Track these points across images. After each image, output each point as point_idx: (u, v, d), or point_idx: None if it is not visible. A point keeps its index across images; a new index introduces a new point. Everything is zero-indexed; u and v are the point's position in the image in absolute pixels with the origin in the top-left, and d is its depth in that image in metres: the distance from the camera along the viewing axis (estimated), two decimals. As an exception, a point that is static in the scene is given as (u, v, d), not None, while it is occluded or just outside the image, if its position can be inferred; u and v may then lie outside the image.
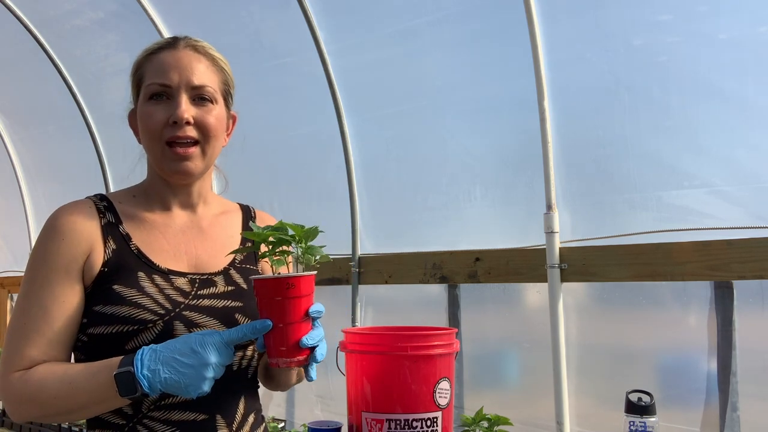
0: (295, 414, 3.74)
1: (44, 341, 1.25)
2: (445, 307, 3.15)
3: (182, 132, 1.31)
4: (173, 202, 1.41)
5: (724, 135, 2.40)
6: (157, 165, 1.36)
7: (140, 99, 1.36)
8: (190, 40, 1.38)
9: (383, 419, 1.39)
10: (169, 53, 1.35)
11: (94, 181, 4.84)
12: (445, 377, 1.42)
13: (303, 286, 1.22)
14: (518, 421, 2.13)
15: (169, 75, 1.32)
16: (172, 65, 1.33)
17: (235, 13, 3.73)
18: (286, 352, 1.22)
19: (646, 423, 1.59)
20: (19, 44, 4.67)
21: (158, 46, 1.37)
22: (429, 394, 1.40)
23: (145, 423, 1.26)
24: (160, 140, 1.32)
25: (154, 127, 1.32)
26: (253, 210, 1.55)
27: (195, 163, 1.35)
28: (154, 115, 1.31)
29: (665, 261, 2.44)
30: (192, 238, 1.41)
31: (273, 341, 1.23)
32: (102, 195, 1.40)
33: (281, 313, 1.21)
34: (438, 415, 1.41)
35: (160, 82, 1.32)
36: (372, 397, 1.41)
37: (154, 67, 1.34)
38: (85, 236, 1.30)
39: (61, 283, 1.27)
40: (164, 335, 1.26)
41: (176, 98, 1.32)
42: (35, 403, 1.22)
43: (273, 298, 1.21)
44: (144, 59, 1.37)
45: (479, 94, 3.04)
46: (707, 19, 2.40)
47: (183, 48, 1.36)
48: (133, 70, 1.39)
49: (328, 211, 3.65)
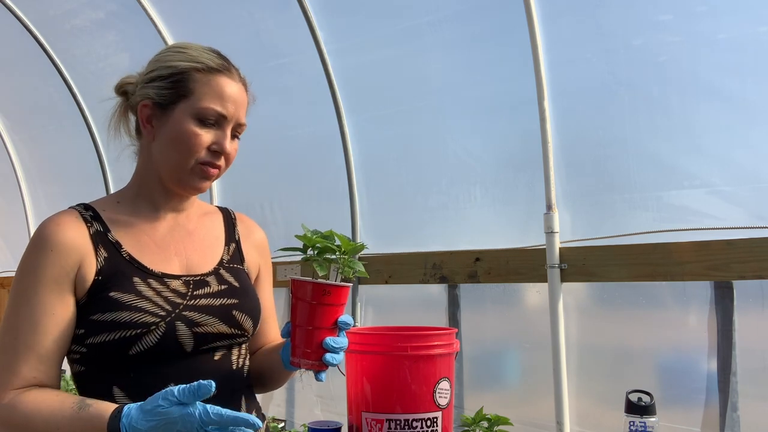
0: (295, 414, 3.74)
1: (35, 356, 1.24)
2: (445, 307, 3.15)
3: (219, 161, 1.36)
4: (163, 206, 1.41)
5: (723, 135, 2.40)
6: (175, 176, 1.36)
7: (182, 109, 1.33)
8: (240, 71, 1.41)
9: (383, 419, 1.39)
10: (229, 82, 1.36)
11: (94, 181, 4.84)
12: (445, 377, 1.42)
13: (338, 295, 1.27)
14: (518, 421, 2.13)
15: (227, 106, 1.34)
16: (231, 98, 1.35)
17: (235, 13, 3.73)
18: (309, 354, 1.26)
19: (646, 423, 1.59)
20: (19, 44, 4.67)
21: (215, 66, 1.35)
22: (429, 394, 1.40)
23: None
24: (197, 159, 1.34)
25: (197, 148, 1.33)
26: (233, 212, 1.56)
27: (211, 183, 1.40)
28: (202, 138, 1.33)
29: (665, 261, 2.44)
30: (180, 239, 1.41)
31: (299, 341, 1.26)
32: (86, 204, 1.39)
33: (312, 317, 1.26)
34: (438, 415, 1.41)
35: (220, 111, 1.33)
36: (372, 397, 1.41)
37: (214, 92, 1.34)
38: (74, 247, 1.29)
39: (51, 295, 1.26)
40: (167, 336, 1.27)
41: (224, 130, 1.35)
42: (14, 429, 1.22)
43: (309, 301, 1.26)
44: (197, 72, 1.34)
45: (479, 94, 3.04)
46: (707, 19, 2.40)
47: (238, 81, 1.38)
48: (175, 72, 1.35)
49: (328, 211, 3.65)
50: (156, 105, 1.35)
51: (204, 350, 1.33)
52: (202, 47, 1.39)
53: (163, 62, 1.37)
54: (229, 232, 1.50)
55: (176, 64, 1.35)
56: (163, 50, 1.42)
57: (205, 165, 1.34)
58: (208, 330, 1.32)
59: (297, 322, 1.27)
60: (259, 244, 1.54)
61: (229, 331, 1.35)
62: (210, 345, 1.33)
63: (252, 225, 1.57)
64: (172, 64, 1.36)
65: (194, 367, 1.31)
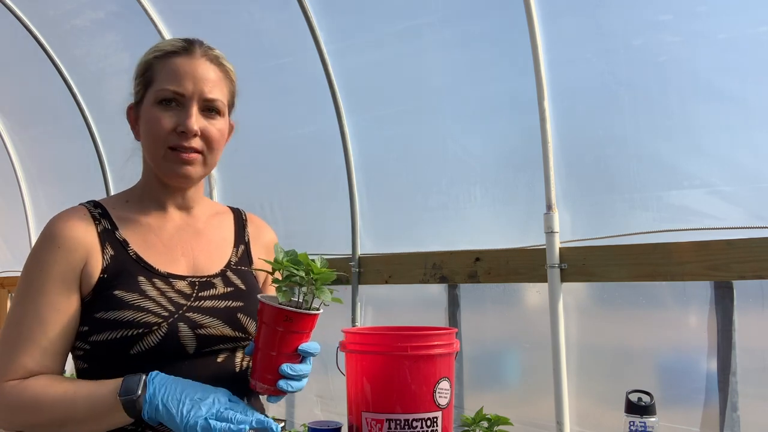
0: (295, 414, 3.74)
1: (38, 350, 1.25)
2: (445, 307, 3.15)
3: (188, 142, 1.32)
4: (169, 204, 1.41)
5: (724, 135, 2.40)
6: (157, 167, 1.36)
7: (147, 99, 1.34)
8: (206, 47, 1.37)
9: (383, 419, 1.39)
10: (186, 60, 1.34)
11: (94, 181, 4.84)
12: (445, 377, 1.42)
13: (302, 323, 1.22)
14: (518, 421, 2.13)
15: (183, 83, 1.31)
16: (187, 73, 1.32)
17: (235, 13, 3.73)
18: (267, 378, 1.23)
19: (646, 423, 1.59)
20: (19, 44, 4.66)
21: (173, 49, 1.35)
22: (429, 394, 1.40)
23: (156, 426, 1.26)
24: (164, 145, 1.32)
25: (160, 132, 1.31)
26: (244, 213, 1.55)
27: (195, 169, 1.35)
28: (162, 121, 1.31)
29: (665, 261, 2.44)
30: (188, 239, 1.41)
31: (258, 364, 1.24)
32: (96, 202, 1.39)
33: (273, 342, 1.22)
34: (438, 415, 1.41)
35: (173, 89, 1.31)
36: (372, 397, 1.41)
37: (168, 72, 1.32)
38: (81, 244, 1.30)
39: (57, 291, 1.27)
40: (168, 337, 1.26)
41: (187, 108, 1.32)
42: (29, 412, 1.22)
43: (270, 325, 1.22)
44: (156, 59, 1.35)
45: (479, 93, 3.04)
46: (707, 19, 2.40)
47: (199, 56, 1.35)
48: (142, 66, 1.37)
49: (328, 211, 3.65)
50: (136, 105, 1.38)
51: (207, 352, 1.32)
52: (173, 39, 1.40)
53: (138, 62, 1.39)
54: (239, 234, 1.49)
55: (144, 60, 1.37)
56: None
57: (176, 149, 1.32)
58: (211, 332, 1.31)
59: (259, 345, 1.24)
60: (269, 246, 1.53)
61: (233, 334, 1.35)
62: (213, 347, 1.33)
63: (263, 226, 1.55)
64: (141, 60, 1.38)
65: (197, 368, 1.30)
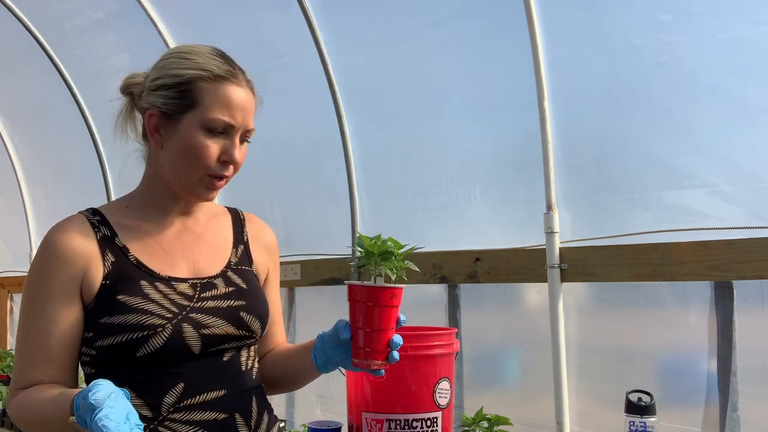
0: (295, 414, 3.74)
1: (44, 360, 1.28)
2: (445, 307, 3.14)
3: (227, 171, 1.34)
4: (172, 210, 1.41)
5: (724, 135, 2.40)
6: (184, 186, 1.36)
7: (190, 120, 1.31)
8: (246, 76, 1.38)
9: (383, 419, 1.39)
10: (236, 89, 1.33)
11: (94, 181, 4.83)
12: (445, 377, 1.42)
13: (400, 297, 1.31)
14: (518, 421, 2.12)
15: (235, 116, 1.32)
16: (239, 106, 1.33)
17: (235, 13, 3.73)
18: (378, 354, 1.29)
19: (646, 423, 1.59)
20: (19, 44, 4.66)
21: (222, 74, 1.32)
22: (429, 394, 1.40)
23: (167, 425, 1.27)
24: (206, 171, 1.32)
25: (207, 160, 1.31)
26: (241, 213, 1.55)
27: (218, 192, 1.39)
28: (210, 149, 1.31)
29: (665, 261, 2.44)
30: (188, 242, 1.41)
31: (364, 344, 1.29)
32: (94, 209, 1.39)
33: (383, 319, 1.29)
34: (438, 415, 1.41)
35: (228, 121, 1.31)
36: (372, 397, 1.41)
37: (222, 102, 1.31)
38: (80, 253, 1.30)
39: (57, 302, 1.28)
40: (173, 338, 1.28)
41: (232, 138, 1.33)
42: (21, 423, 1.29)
43: (378, 305, 1.29)
44: (202, 80, 1.31)
45: (479, 93, 3.04)
46: (707, 19, 2.40)
47: (245, 85, 1.35)
48: (180, 80, 1.32)
49: (327, 211, 3.65)
50: (163, 114, 1.33)
51: (212, 352, 1.33)
52: (208, 51, 1.36)
53: (169, 69, 1.33)
54: (237, 234, 1.49)
55: (182, 73, 1.32)
56: (167, 54, 1.38)
57: (214, 177, 1.33)
58: (215, 332, 1.32)
59: (367, 327, 1.30)
60: (269, 246, 1.54)
61: (236, 333, 1.35)
62: (218, 347, 1.34)
63: (262, 226, 1.56)
64: (177, 72, 1.32)
65: (203, 368, 1.32)
